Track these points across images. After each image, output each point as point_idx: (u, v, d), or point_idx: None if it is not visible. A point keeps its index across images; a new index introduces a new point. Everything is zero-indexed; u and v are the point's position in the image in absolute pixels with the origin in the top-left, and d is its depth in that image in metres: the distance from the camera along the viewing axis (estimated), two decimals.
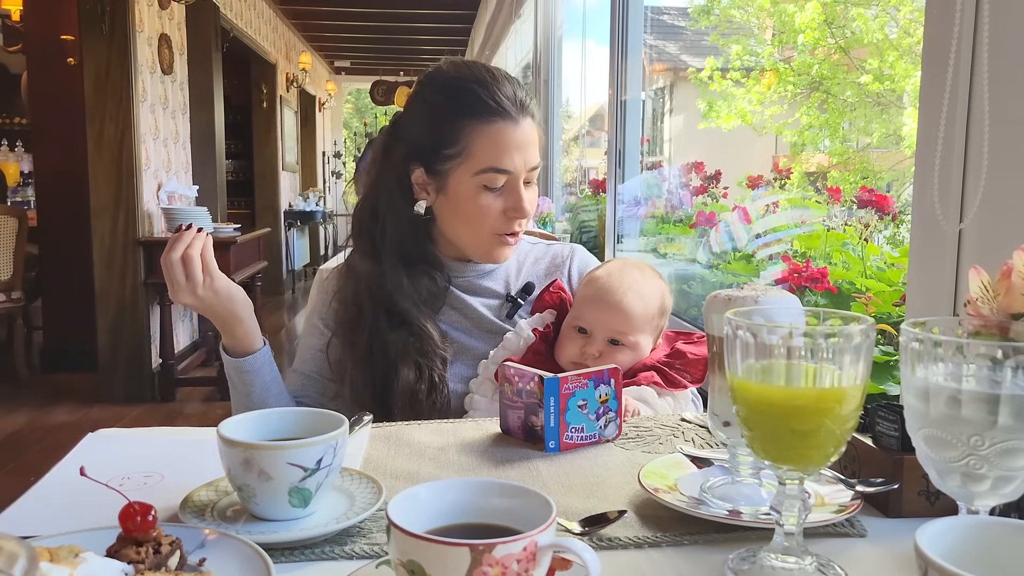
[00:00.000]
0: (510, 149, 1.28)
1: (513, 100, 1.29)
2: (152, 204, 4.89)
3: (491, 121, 1.28)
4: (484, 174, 1.28)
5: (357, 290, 1.36)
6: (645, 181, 3.36)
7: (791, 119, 5.33)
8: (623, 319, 1.26)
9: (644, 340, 1.29)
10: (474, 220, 1.32)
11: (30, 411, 4.61)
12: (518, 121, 1.29)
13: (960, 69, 1.05)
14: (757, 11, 5.76)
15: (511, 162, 1.28)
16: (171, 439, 1.11)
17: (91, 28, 4.50)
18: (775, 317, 0.71)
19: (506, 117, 1.28)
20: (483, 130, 1.28)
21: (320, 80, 12.48)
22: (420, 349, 1.31)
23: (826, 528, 0.79)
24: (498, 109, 1.28)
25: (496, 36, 7.61)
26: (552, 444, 1.02)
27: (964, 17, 1.04)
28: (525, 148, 1.29)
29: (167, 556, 0.66)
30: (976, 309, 0.69)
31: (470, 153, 1.29)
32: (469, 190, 1.30)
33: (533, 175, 1.33)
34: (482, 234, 1.34)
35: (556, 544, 0.59)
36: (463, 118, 1.29)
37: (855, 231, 1.87)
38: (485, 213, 1.31)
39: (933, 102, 1.09)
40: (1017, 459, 0.61)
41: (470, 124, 1.28)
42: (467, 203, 1.31)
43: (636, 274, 1.31)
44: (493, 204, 1.30)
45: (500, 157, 1.28)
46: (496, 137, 1.28)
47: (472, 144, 1.28)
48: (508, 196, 1.30)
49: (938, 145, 1.06)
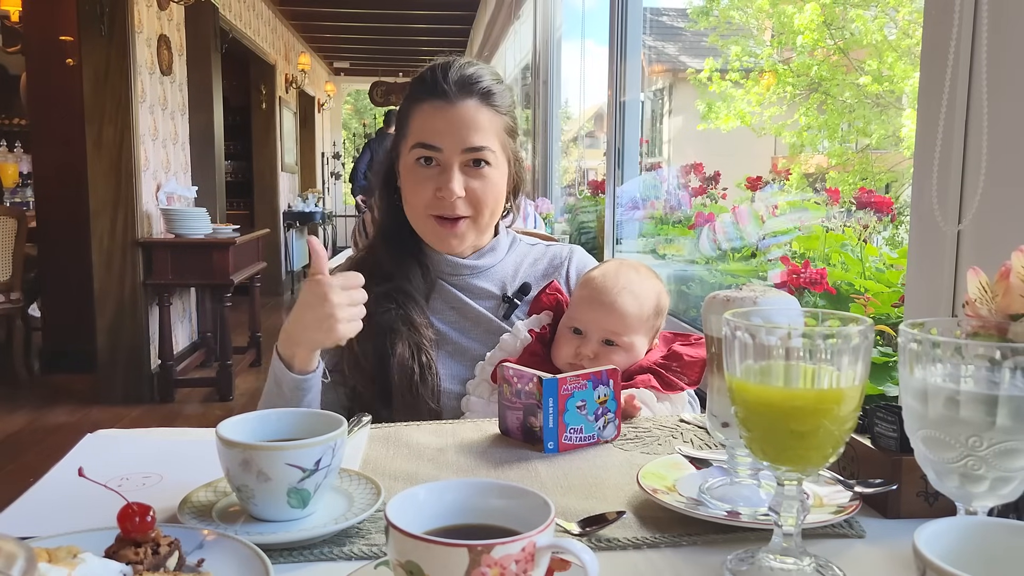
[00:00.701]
0: (440, 126, 1.31)
1: (454, 82, 1.31)
2: (151, 205, 4.89)
3: (426, 99, 1.33)
4: (415, 149, 1.32)
5: (357, 267, 1.38)
6: (644, 182, 3.36)
7: (790, 120, 5.34)
8: (617, 319, 1.26)
9: (639, 341, 1.29)
10: (410, 197, 1.36)
11: (29, 412, 4.60)
12: (452, 100, 1.31)
13: (959, 70, 1.05)
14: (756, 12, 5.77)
15: (439, 139, 1.31)
16: (170, 440, 1.11)
17: (90, 29, 4.50)
18: (774, 318, 0.72)
19: (439, 95, 1.31)
20: (418, 108, 1.34)
21: (319, 81, 12.48)
22: (407, 320, 1.32)
23: (825, 529, 0.79)
24: (433, 88, 1.32)
25: (495, 37, 7.62)
26: (551, 445, 1.02)
27: (963, 18, 1.04)
28: (459, 127, 1.30)
29: (166, 557, 0.66)
30: (975, 310, 0.69)
31: (408, 131, 1.35)
32: (407, 167, 1.35)
33: (480, 160, 1.31)
34: (418, 214, 1.36)
35: (555, 545, 0.59)
36: (409, 100, 1.36)
37: (854, 232, 1.87)
38: (417, 190, 1.33)
39: (932, 103, 1.09)
40: (1015, 460, 0.61)
41: (412, 104, 1.35)
42: (405, 180, 1.36)
43: (631, 275, 1.31)
44: (425, 182, 1.32)
45: (428, 133, 1.31)
46: (426, 114, 1.33)
47: (411, 123, 1.35)
48: (440, 176, 1.32)
49: (937, 146, 1.06)
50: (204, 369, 5.57)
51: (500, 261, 1.44)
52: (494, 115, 1.34)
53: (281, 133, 9.52)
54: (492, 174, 1.34)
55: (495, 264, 1.43)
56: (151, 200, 4.89)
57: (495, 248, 1.44)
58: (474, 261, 1.41)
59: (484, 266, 1.42)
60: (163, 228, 4.88)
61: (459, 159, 1.31)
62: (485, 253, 1.42)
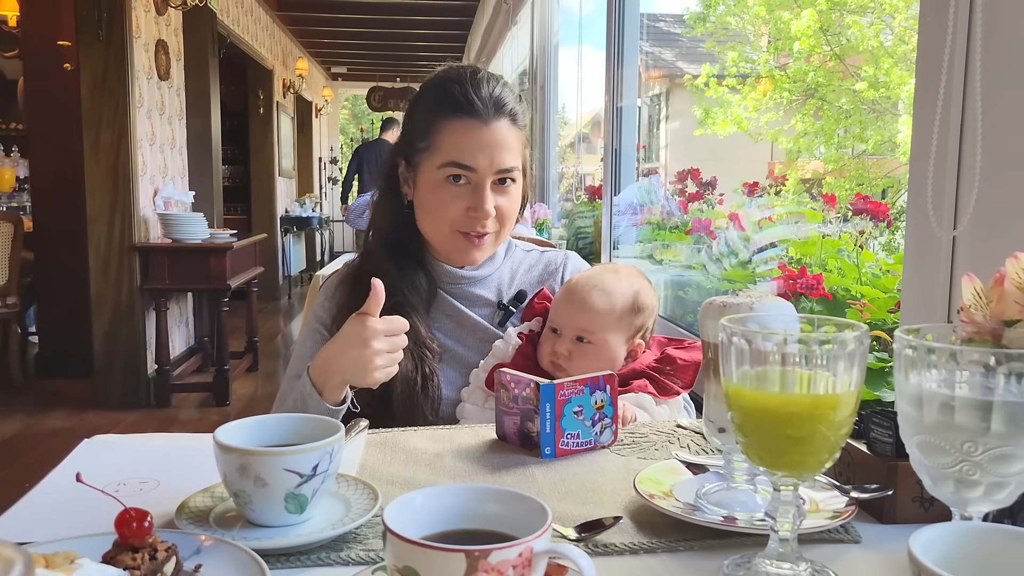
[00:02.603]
0: (474, 147, 1.30)
1: (487, 100, 1.31)
2: (148, 210, 4.88)
3: (458, 117, 1.31)
4: (447, 167, 1.31)
5: (358, 278, 1.38)
6: (641, 187, 3.36)
7: (786, 126, 5.35)
8: (586, 316, 1.27)
9: (612, 339, 1.29)
10: (434, 213, 1.34)
11: (25, 417, 4.59)
12: (487, 121, 1.30)
13: (953, 76, 1.06)
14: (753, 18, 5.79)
15: (474, 159, 1.30)
16: (167, 445, 1.11)
17: (88, 34, 4.50)
18: (770, 324, 0.72)
19: (474, 115, 1.30)
20: (450, 125, 1.31)
21: (317, 86, 12.48)
22: (412, 335, 1.31)
23: (821, 534, 0.79)
24: (467, 106, 1.30)
25: (493, 43, 7.63)
26: (548, 450, 1.02)
27: (957, 24, 1.04)
28: (493, 148, 1.30)
29: (163, 562, 0.66)
30: (969, 316, 0.69)
31: (437, 147, 1.32)
32: (433, 182, 1.33)
33: (507, 178, 1.33)
34: (443, 229, 1.35)
35: (551, 550, 0.59)
36: (434, 112, 1.33)
37: (850, 238, 1.88)
38: (445, 207, 1.32)
39: (927, 109, 1.10)
40: (1010, 465, 0.62)
41: (440, 118, 1.32)
42: (429, 195, 1.34)
43: (608, 275, 1.32)
44: (455, 200, 1.32)
45: (463, 153, 1.30)
46: (461, 133, 1.30)
47: (439, 138, 1.32)
48: (472, 194, 1.31)
49: (932, 152, 1.07)
50: (201, 374, 5.56)
51: (497, 269, 1.44)
52: (519, 133, 1.35)
53: (279, 138, 9.52)
54: (515, 190, 1.36)
55: (492, 272, 1.44)
56: (148, 205, 4.89)
57: (493, 257, 1.44)
58: (472, 272, 1.41)
59: (482, 275, 1.42)
60: (160, 233, 4.88)
61: (491, 178, 1.31)
62: (484, 263, 1.43)
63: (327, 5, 8.67)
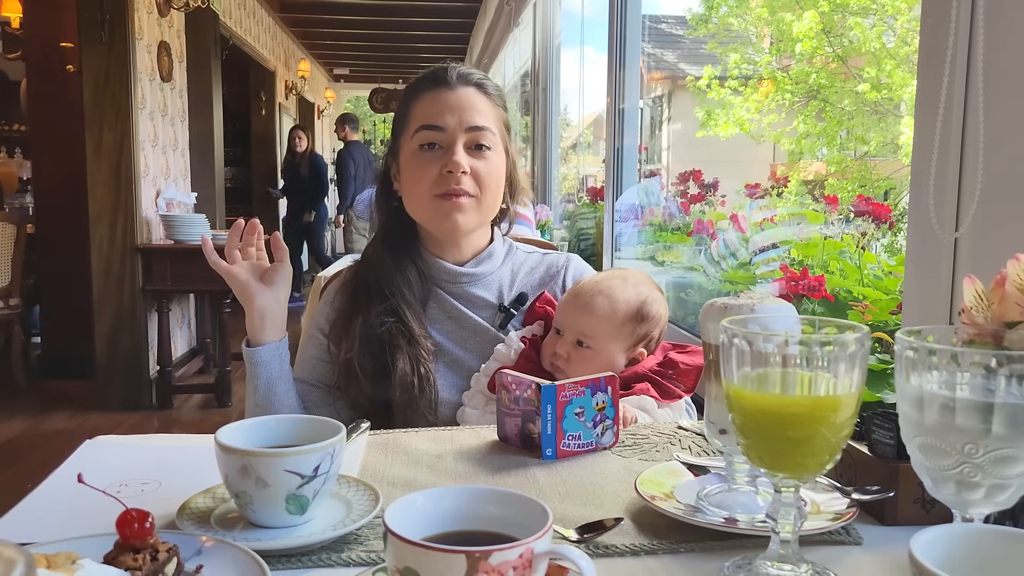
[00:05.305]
0: (442, 108, 1.35)
1: (452, 72, 1.37)
2: (151, 211, 4.89)
3: (425, 90, 1.38)
4: (419, 133, 1.35)
5: (356, 283, 1.40)
6: (643, 189, 3.36)
7: (789, 127, 5.35)
8: (588, 320, 1.28)
9: (612, 346, 1.29)
10: (414, 186, 1.36)
11: (27, 418, 4.59)
12: (453, 87, 1.36)
13: (955, 78, 1.06)
14: (755, 20, 5.79)
15: (441, 119, 1.34)
16: (168, 446, 1.11)
17: (90, 35, 4.51)
18: (771, 325, 0.72)
19: (440, 84, 1.37)
20: (420, 98, 1.38)
21: (319, 87, 12.50)
22: (406, 334, 1.33)
23: (822, 536, 0.79)
24: (432, 80, 1.38)
25: (495, 44, 7.63)
26: (549, 452, 1.02)
27: (959, 26, 1.04)
28: (461, 109, 1.35)
29: (164, 563, 0.66)
30: (971, 318, 0.69)
31: (409, 119, 1.38)
32: (409, 155, 1.37)
33: (481, 144, 1.35)
34: (423, 197, 1.36)
35: (552, 551, 0.59)
36: (409, 95, 1.41)
37: (852, 239, 1.88)
38: (422, 174, 1.34)
39: (929, 111, 1.09)
40: (1011, 467, 0.62)
41: (412, 98, 1.39)
42: (407, 170, 1.38)
43: (615, 282, 1.32)
44: (430, 165, 1.34)
45: (431, 115, 1.35)
46: (430, 100, 1.36)
47: (411, 113, 1.38)
48: (444, 156, 1.34)
49: (934, 154, 1.07)
50: (203, 375, 5.57)
51: (497, 269, 1.44)
52: (492, 105, 1.39)
53: (281, 139, 9.53)
54: (493, 157, 1.37)
55: (492, 272, 1.43)
56: (150, 206, 4.89)
57: (492, 255, 1.44)
58: (471, 268, 1.41)
59: (481, 274, 1.42)
60: (162, 234, 4.88)
61: (463, 138, 1.34)
62: (483, 260, 1.43)
63: (329, 7, 8.68)
